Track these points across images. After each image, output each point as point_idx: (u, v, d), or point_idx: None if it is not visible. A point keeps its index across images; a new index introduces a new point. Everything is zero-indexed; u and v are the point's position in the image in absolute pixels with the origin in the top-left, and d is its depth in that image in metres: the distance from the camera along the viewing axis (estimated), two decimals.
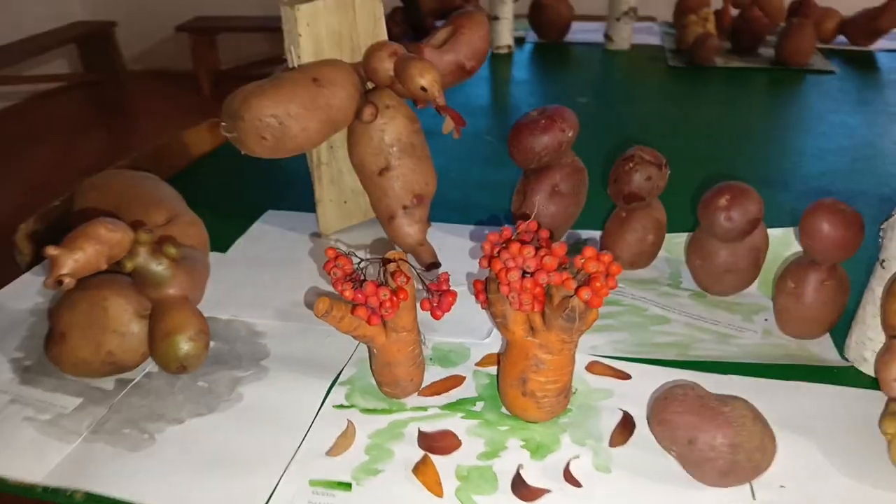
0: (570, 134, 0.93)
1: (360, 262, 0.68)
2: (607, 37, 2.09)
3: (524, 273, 0.64)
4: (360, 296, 0.66)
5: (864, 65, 1.92)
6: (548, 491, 0.63)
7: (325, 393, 0.75)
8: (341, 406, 0.74)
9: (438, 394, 0.75)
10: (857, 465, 0.65)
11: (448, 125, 0.92)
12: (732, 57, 1.96)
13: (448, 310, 0.70)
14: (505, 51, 2.05)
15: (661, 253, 0.98)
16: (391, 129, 0.93)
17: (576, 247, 1.02)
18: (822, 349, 0.81)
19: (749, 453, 0.61)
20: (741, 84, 1.80)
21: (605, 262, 0.62)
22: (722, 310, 0.88)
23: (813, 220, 0.76)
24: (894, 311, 0.67)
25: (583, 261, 0.62)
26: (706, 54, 1.88)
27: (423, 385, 0.76)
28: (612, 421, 0.71)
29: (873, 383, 0.73)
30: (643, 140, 0.98)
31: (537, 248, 0.64)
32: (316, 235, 1.07)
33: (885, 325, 0.69)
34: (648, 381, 0.75)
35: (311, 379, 0.77)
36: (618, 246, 0.94)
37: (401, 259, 0.69)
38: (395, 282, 0.67)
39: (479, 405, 0.73)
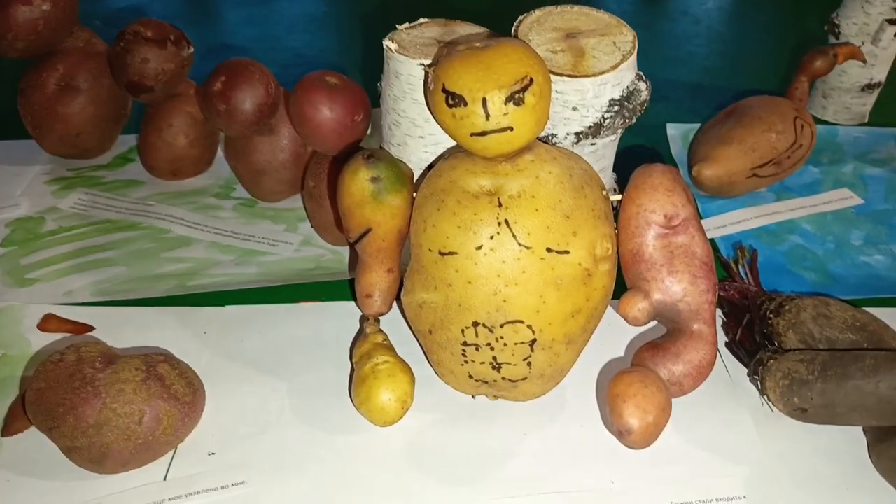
0: None
1: None
2: None
3: None
4: None
5: None
6: None
7: None
8: None
9: None
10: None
11: None
12: None
13: None
14: None
15: (221, 154, 0.80)
16: None
17: None
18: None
19: (123, 430, 0.44)
20: None
21: None
22: (268, 220, 0.71)
23: (297, 102, 0.59)
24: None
25: None
26: None
27: None
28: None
29: None
30: None
31: None
32: None
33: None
34: (118, 332, 0.57)
35: None
36: (150, 155, 0.73)
37: None
38: None
39: None
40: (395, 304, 0.52)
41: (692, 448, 0.48)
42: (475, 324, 0.45)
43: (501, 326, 0.45)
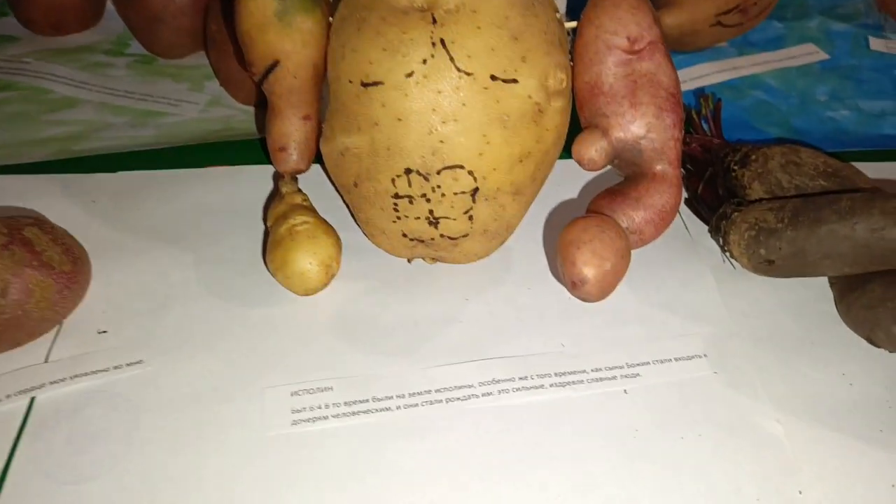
0: None
1: None
2: None
3: None
4: None
5: None
6: None
7: None
8: None
9: None
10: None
11: None
12: None
13: None
14: None
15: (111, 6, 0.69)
16: None
17: None
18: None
19: None
20: None
21: None
22: (168, 78, 0.61)
23: None
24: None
25: None
26: None
27: None
28: None
29: None
30: None
31: None
32: None
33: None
34: None
35: None
36: (25, 6, 0.62)
37: None
38: None
39: None
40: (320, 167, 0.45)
41: (649, 308, 0.44)
42: (408, 171, 0.39)
43: (438, 173, 0.38)
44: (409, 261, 0.46)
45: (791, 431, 0.38)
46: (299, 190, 0.45)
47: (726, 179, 0.50)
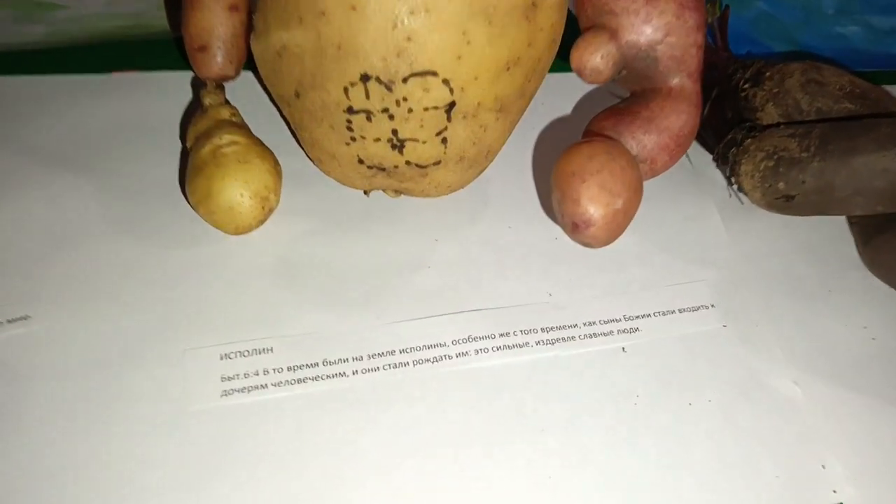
0: None
1: None
2: None
3: None
4: None
5: None
6: None
7: None
8: None
9: None
10: None
11: None
12: None
13: None
14: None
15: None
16: None
17: None
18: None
19: None
20: None
21: None
22: None
23: None
24: None
25: None
26: None
27: None
28: None
29: None
30: None
31: None
32: None
33: None
34: None
35: None
36: None
37: None
38: None
39: None
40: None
41: (647, 251, 0.37)
42: (365, 77, 0.30)
43: (405, 81, 0.30)
44: (366, 193, 0.38)
45: (810, 394, 0.33)
46: (226, 101, 0.36)
47: (735, 100, 0.44)
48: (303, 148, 0.37)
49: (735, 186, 0.40)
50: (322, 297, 0.34)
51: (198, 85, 0.41)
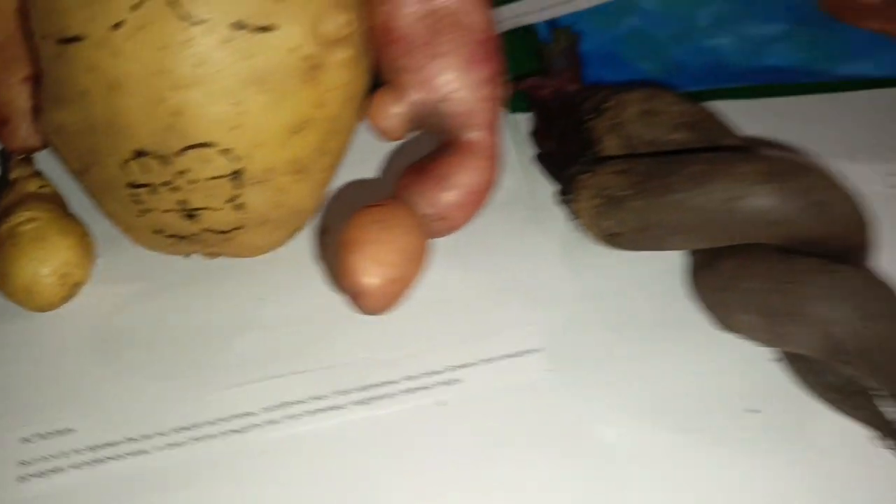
0: None
1: None
2: None
3: None
4: None
5: None
6: None
7: None
8: None
9: None
10: None
11: None
12: None
13: None
14: None
15: None
16: None
17: None
18: None
19: None
20: None
21: None
22: None
23: None
24: None
25: None
26: None
27: None
28: None
29: None
30: None
31: None
32: None
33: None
34: None
35: None
36: None
37: None
38: None
39: None
40: None
41: (479, 294, 0.37)
42: (139, 153, 0.29)
43: (180, 154, 0.30)
44: (186, 255, 0.37)
45: (635, 440, 0.32)
46: (36, 173, 0.36)
47: (580, 132, 0.43)
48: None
49: (576, 221, 0.40)
50: (135, 370, 0.33)
51: (3, 151, 0.40)
